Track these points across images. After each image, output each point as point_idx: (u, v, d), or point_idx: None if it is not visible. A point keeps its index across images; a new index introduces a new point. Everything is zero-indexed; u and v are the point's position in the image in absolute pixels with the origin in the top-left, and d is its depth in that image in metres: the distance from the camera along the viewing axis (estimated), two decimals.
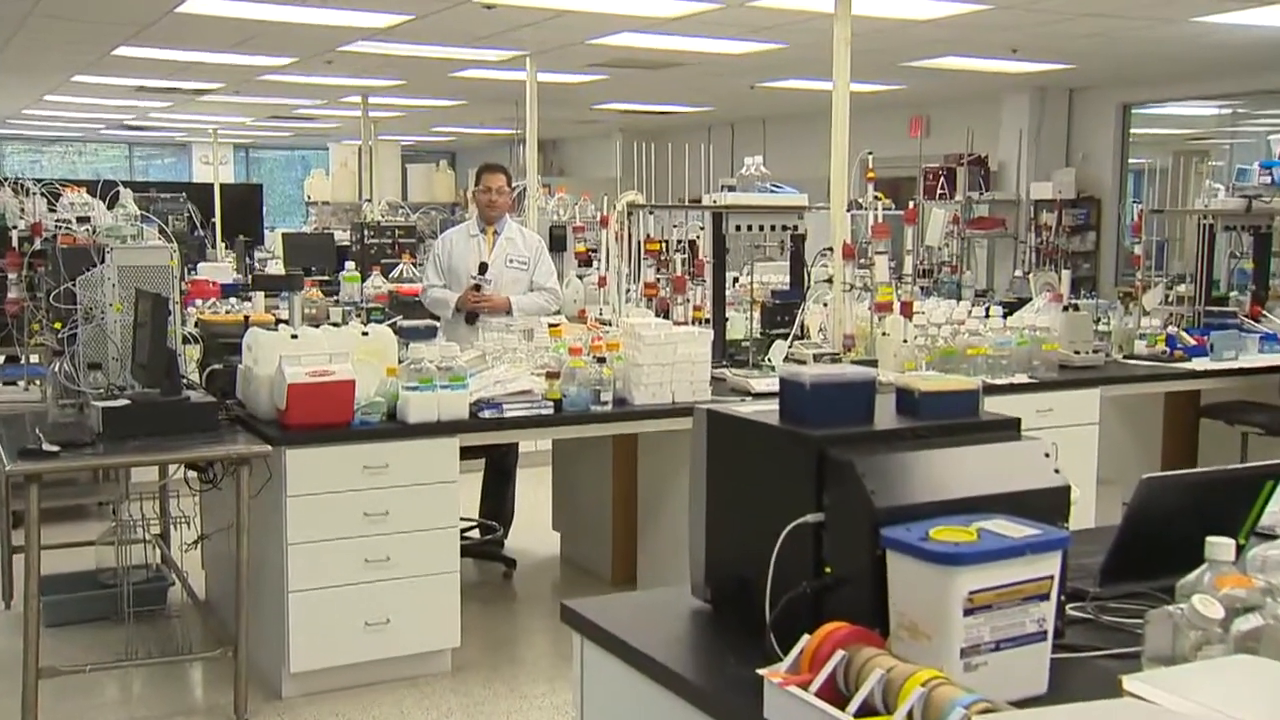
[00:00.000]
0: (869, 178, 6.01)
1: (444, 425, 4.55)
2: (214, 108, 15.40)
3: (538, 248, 6.70)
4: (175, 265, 4.83)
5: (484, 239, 6.62)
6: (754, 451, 2.20)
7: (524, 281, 6.56)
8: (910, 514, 1.88)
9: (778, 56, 10.23)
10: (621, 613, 2.36)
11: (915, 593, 1.81)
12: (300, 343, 4.49)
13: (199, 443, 4.24)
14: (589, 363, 4.88)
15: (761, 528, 2.06)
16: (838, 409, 2.10)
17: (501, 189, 6.57)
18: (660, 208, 6.28)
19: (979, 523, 1.86)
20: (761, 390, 5.10)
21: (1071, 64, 10.60)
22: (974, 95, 12.64)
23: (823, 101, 6.25)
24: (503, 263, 6.54)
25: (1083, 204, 12.28)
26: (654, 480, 5.63)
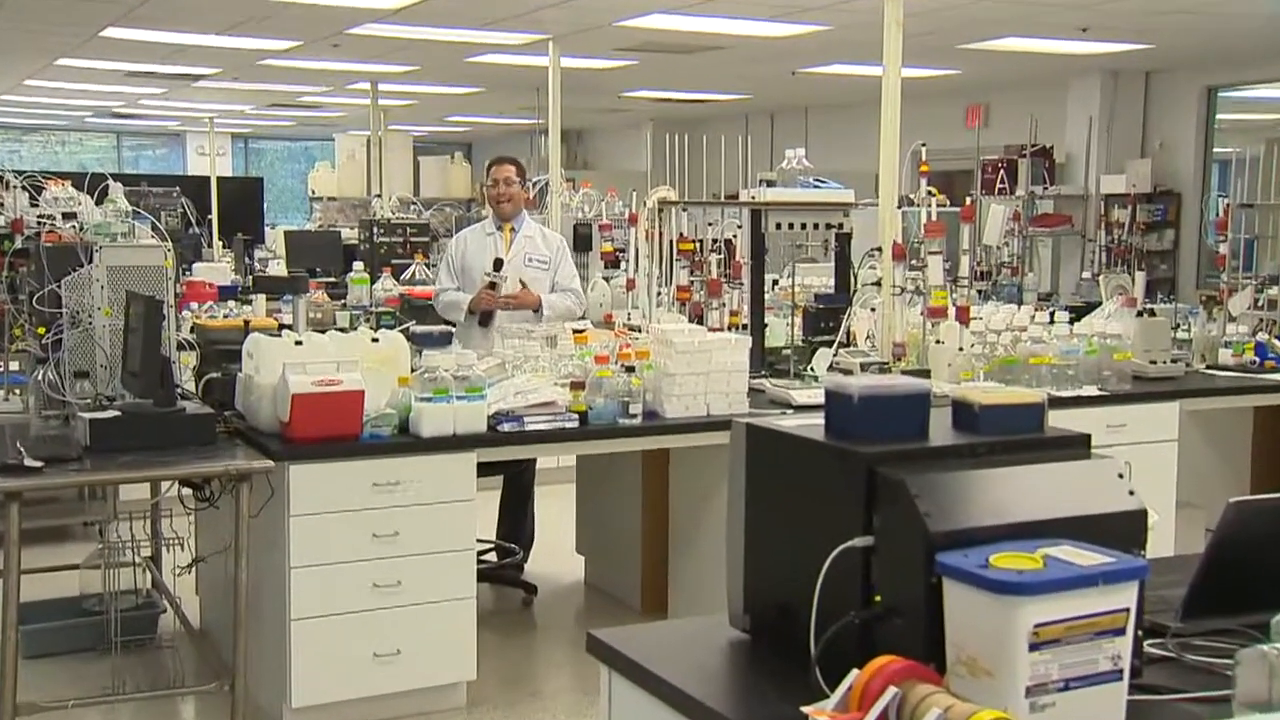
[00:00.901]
0: (921, 171, 6.00)
1: (460, 439, 4.56)
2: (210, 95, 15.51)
3: (559, 248, 6.72)
4: (169, 265, 4.85)
5: (500, 237, 6.63)
6: (797, 469, 2.19)
7: (544, 283, 6.58)
8: (968, 538, 1.87)
9: (822, 39, 10.23)
10: (652, 643, 2.36)
11: (975, 625, 1.80)
12: (305, 349, 4.51)
13: (195, 457, 4.26)
14: (617, 372, 4.88)
15: (805, 552, 2.05)
16: (888, 423, 2.10)
17: (511, 180, 6.58)
18: (694, 204, 6.29)
19: (1045, 549, 1.85)
20: (804, 402, 5.09)
21: (1148, 44, 10.50)
22: (1038, 80, 12.57)
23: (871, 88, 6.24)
24: (521, 262, 6.55)
25: (1160, 198, 12.17)
26: (687, 500, 5.63)
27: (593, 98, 14.84)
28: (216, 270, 9.16)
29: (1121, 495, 2.09)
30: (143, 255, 4.84)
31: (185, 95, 15.59)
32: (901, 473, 1.94)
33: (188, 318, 6.84)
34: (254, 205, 17.06)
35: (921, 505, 1.89)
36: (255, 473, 4.21)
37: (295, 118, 19.48)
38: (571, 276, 6.70)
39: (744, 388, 5.07)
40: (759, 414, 4.88)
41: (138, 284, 4.74)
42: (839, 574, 1.99)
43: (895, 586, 1.95)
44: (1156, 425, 5.71)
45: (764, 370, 5.73)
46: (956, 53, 10.83)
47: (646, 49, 11.07)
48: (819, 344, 5.88)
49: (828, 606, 2.01)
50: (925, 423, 2.15)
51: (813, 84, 13.30)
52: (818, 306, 6.16)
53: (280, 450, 4.30)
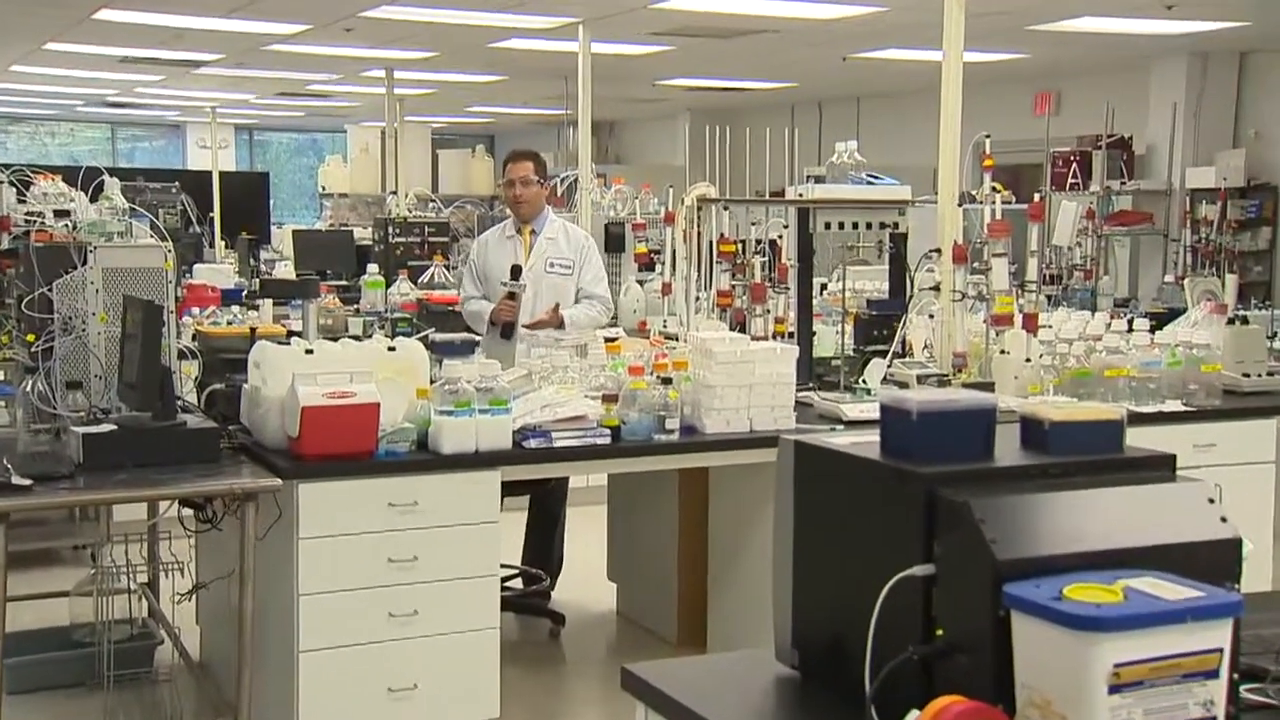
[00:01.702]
0: (985, 165, 5.98)
1: (483, 456, 4.57)
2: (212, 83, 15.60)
3: (583, 247, 6.72)
4: (169, 268, 4.88)
5: (519, 241, 6.65)
6: (850, 491, 2.19)
7: (568, 289, 6.59)
8: (1040, 567, 1.86)
9: (876, 21, 10.21)
10: (692, 679, 2.35)
11: (1047, 663, 1.79)
12: (316, 359, 4.53)
13: (196, 475, 4.28)
14: (652, 384, 4.88)
15: (860, 581, 2.05)
16: (950, 441, 2.10)
17: (528, 179, 6.59)
18: (735, 202, 6.29)
19: (1125, 580, 1.84)
20: (856, 418, 5.08)
21: (1243, 20, 10.38)
22: (1116, 64, 12.47)
23: (929, 75, 6.22)
24: (542, 267, 6.57)
25: (1254, 193, 12.02)
26: (728, 523, 5.62)
27: (626, 86, 14.86)
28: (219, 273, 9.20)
29: (1212, 522, 2.07)
30: (141, 256, 4.88)
31: (185, 83, 15.68)
32: (965, 495, 1.94)
33: (189, 324, 6.87)
34: (259, 202, 17.12)
35: (987, 531, 1.89)
36: (262, 492, 4.22)
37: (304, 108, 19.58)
38: (597, 279, 6.70)
39: (790, 401, 5.06)
40: (807, 430, 4.87)
41: (135, 287, 4.77)
42: (897, 605, 1.99)
43: (959, 619, 1.94)
44: (1251, 445, 5.65)
45: (812, 382, 5.72)
46: (1025, 34, 10.77)
47: (684, 33, 11.08)
48: (872, 354, 5.86)
49: (884, 641, 2.00)
50: (990, 441, 2.15)
51: (865, 70, 13.28)
52: (870, 313, 6.14)
53: (288, 468, 4.32)
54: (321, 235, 13.62)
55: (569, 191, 10.21)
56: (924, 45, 10.15)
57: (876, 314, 6.11)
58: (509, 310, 6.42)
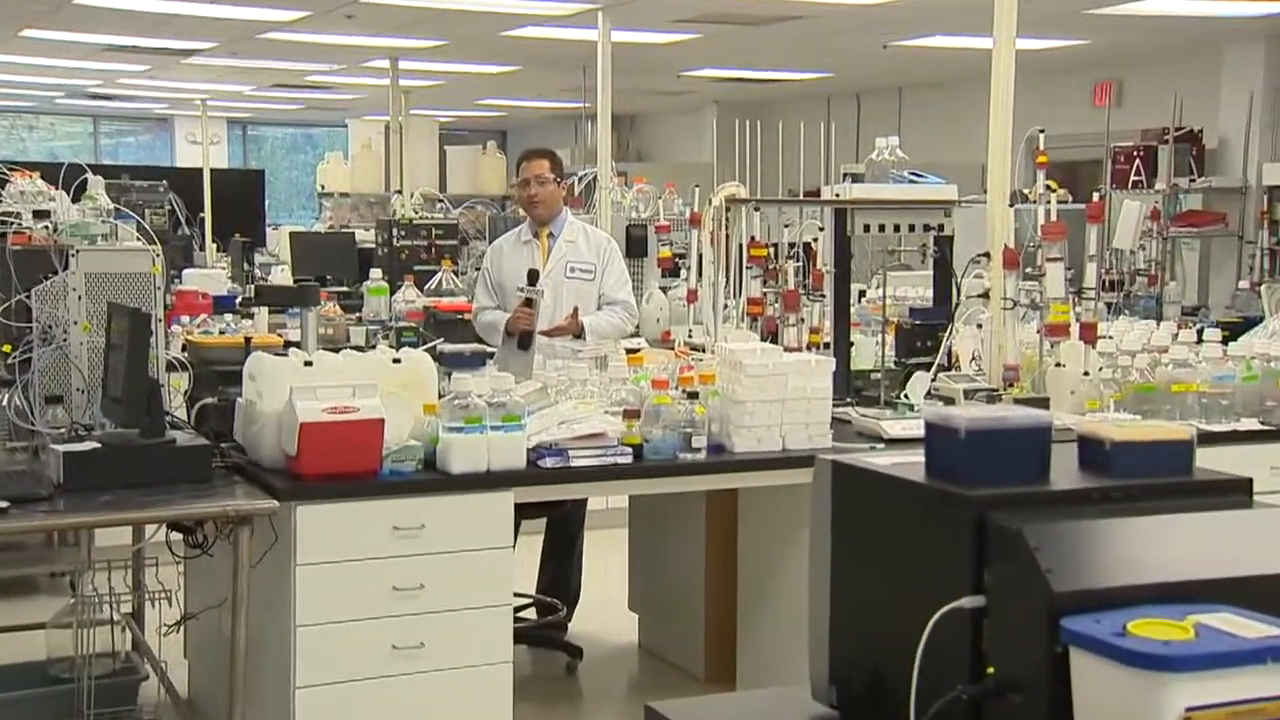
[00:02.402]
0: (1039, 162, 5.97)
1: (495, 477, 4.57)
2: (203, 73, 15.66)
3: (606, 250, 6.73)
4: (158, 273, 4.90)
5: (536, 245, 6.66)
6: (892, 515, 2.19)
7: (589, 295, 6.60)
8: (1101, 600, 1.86)
9: (919, 6, 10.21)
10: (721, 718, 2.35)
11: (1110, 705, 1.78)
12: (315, 371, 4.54)
13: (186, 497, 4.28)
14: (677, 399, 4.88)
15: (903, 613, 2.05)
16: (1001, 462, 2.09)
17: (544, 177, 6.61)
18: (767, 203, 6.29)
19: (1196, 615, 1.83)
20: (898, 436, 5.08)
21: None
22: (1185, 49, 12.38)
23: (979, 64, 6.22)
24: (561, 272, 6.58)
25: None
26: (759, 549, 5.62)
27: (648, 78, 14.88)
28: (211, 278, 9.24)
29: None
30: (127, 261, 4.89)
31: (173, 74, 15.74)
32: (1018, 521, 1.93)
33: (178, 333, 6.92)
34: (254, 202, 17.18)
35: (1043, 560, 1.88)
36: (257, 514, 4.23)
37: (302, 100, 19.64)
38: (621, 284, 6.71)
39: (826, 418, 5.06)
40: (845, 449, 4.86)
41: (121, 294, 4.79)
42: (944, 640, 1.98)
43: (1011, 656, 1.93)
44: None
45: (850, 397, 5.71)
46: (1083, 19, 10.74)
47: (711, 20, 11.09)
48: (915, 367, 5.86)
49: (930, 679, 1.99)
50: (1045, 462, 2.14)
51: (908, 59, 13.28)
52: (913, 323, 6.14)
53: (286, 488, 4.33)
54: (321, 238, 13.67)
55: (587, 191, 10.23)
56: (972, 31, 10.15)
57: (920, 323, 6.11)
58: (526, 318, 6.42)
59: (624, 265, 6.90)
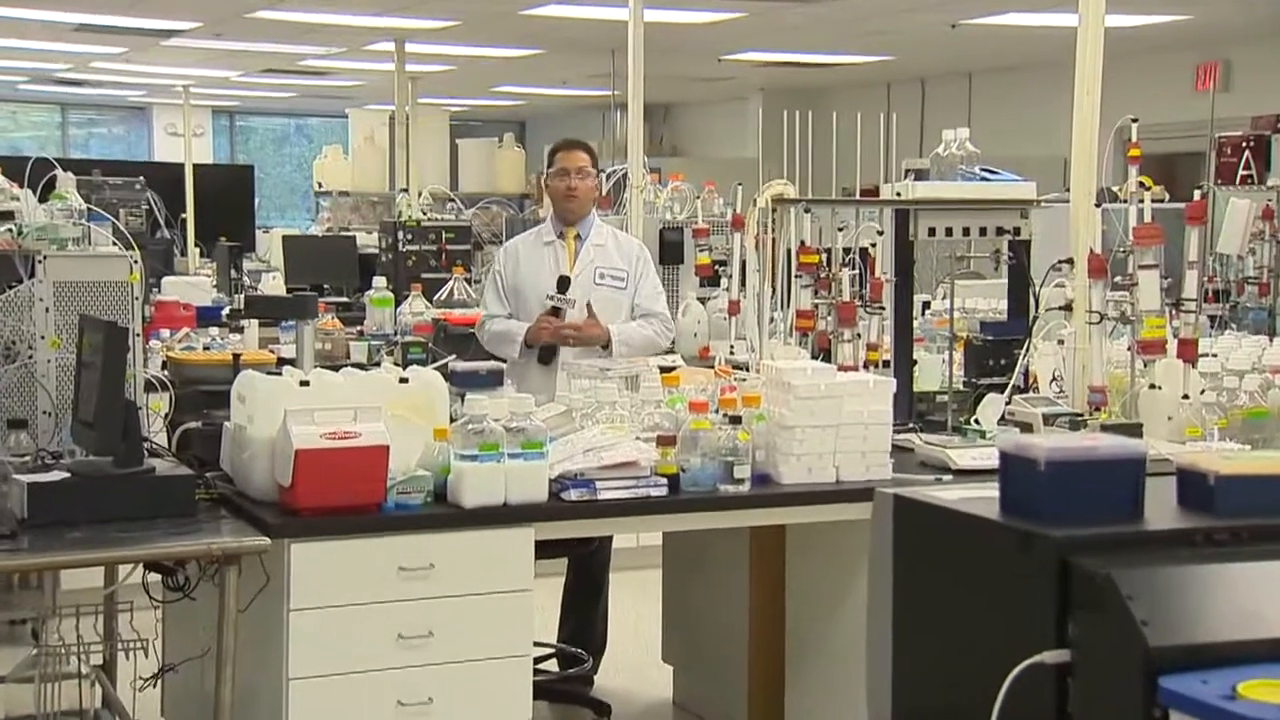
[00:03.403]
0: (1131, 155, 5.94)
1: (513, 511, 4.56)
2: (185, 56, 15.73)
3: (639, 258, 6.73)
4: (136, 281, 4.91)
5: (562, 247, 6.66)
6: (962, 556, 2.18)
7: (620, 305, 6.59)
8: (1205, 657, 1.84)
9: None
10: None
11: None
12: (312, 392, 4.54)
13: (165, 533, 4.27)
14: (717, 424, 4.87)
15: (975, 668, 2.04)
16: (1088, 498, 2.09)
17: (585, 170, 6.61)
18: (819, 203, 6.28)
19: None
20: (967, 466, 5.05)
21: None
22: None
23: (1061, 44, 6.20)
24: (591, 278, 6.57)
25: None
26: (810, 593, 5.60)
27: (685, 62, 14.89)
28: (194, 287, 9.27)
29: None
30: (101, 268, 4.90)
31: (152, 57, 15.82)
32: (1108, 565, 1.92)
33: (158, 350, 6.93)
34: (242, 201, 17.25)
35: (1138, 610, 1.87)
36: (245, 553, 4.23)
37: (296, 88, 19.73)
38: (656, 294, 6.71)
39: (886, 445, 5.04)
40: (908, 481, 4.84)
41: (94, 306, 4.80)
42: (1023, 698, 1.97)
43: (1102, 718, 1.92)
44: None
45: (913, 422, 5.70)
46: None
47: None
48: (987, 388, 5.84)
49: None
50: (1139, 498, 2.13)
51: (980, 39, 13.26)
52: (985, 338, 6.12)
53: (278, 524, 4.32)
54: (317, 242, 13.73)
55: (615, 190, 10.21)
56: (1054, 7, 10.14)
57: (992, 339, 6.09)
58: (552, 330, 6.41)
59: (657, 275, 6.90)
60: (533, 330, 6.45)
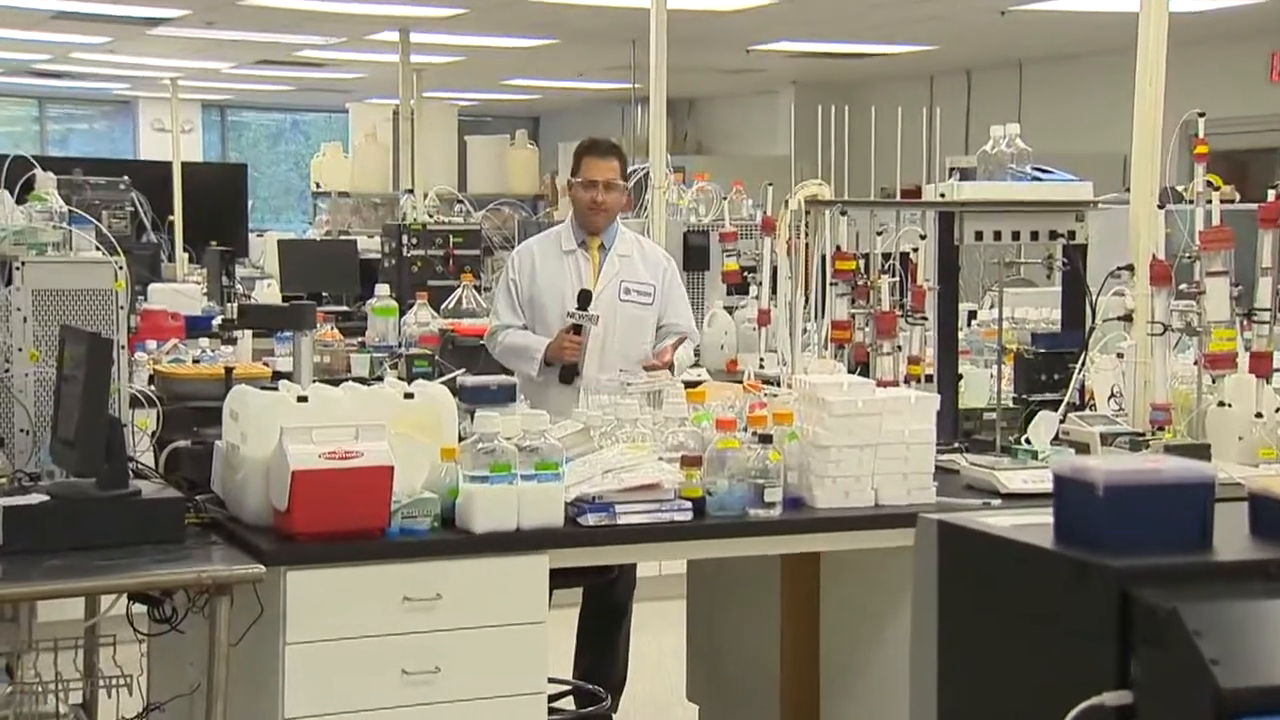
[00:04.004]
0: (1198, 153, 5.93)
1: (527, 537, 4.57)
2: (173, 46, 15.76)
3: (665, 270, 6.71)
4: (121, 289, 4.92)
5: (584, 257, 6.63)
6: (1013, 588, 2.18)
7: (646, 323, 6.56)
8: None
9: None
10: None
11: None
12: (311, 409, 4.55)
13: (152, 561, 4.28)
14: (746, 443, 4.87)
15: (1029, 709, 2.03)
16: (1150, 526, 2.08)
17: (613, 183, 6.56)
18: (856, 205, 6.28)
19: None
20: (1017, 489, 5.04)
21: None
22: None
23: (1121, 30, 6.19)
24: (615, 294, 6.53)
25: None
26: (847, 626, 5.60)
27: (712, 53, 14.90)
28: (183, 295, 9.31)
29: None
30: (83, 275, 4.92)
31: (138, 47, 15.86)
32: (1173, 599, 1.91)
33: (144, 362, 6.95)
34: (234, 203, 17.29)
35: (1206, 648, 1.86)
36: (238, 582, 4.23)
37: (292, 81, 19.78)
38: (686, 310, 6.70)
39: (929, 467, 5.04)
40: (952, 505, 4.83)
41: (75, 315, 4.81)
42: None
43: None
44: None
45: (958, 442, 5.69)
46: None
47: None
48: (1039, 405, 5.82)
49: None
50: (1207, 526, 2.12)
51: (1031, 26, 13.24)
52: (1037, 351, 6.10)
53: (274, 550, 4.33)
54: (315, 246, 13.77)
55: (636, 190, 10.22)
56: None
57: (1045, 351, 6.07)
58: (574, 348, 6.39)
59: (683, 286, 6.90)
60: (553, 347, 6.42)
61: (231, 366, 6.02)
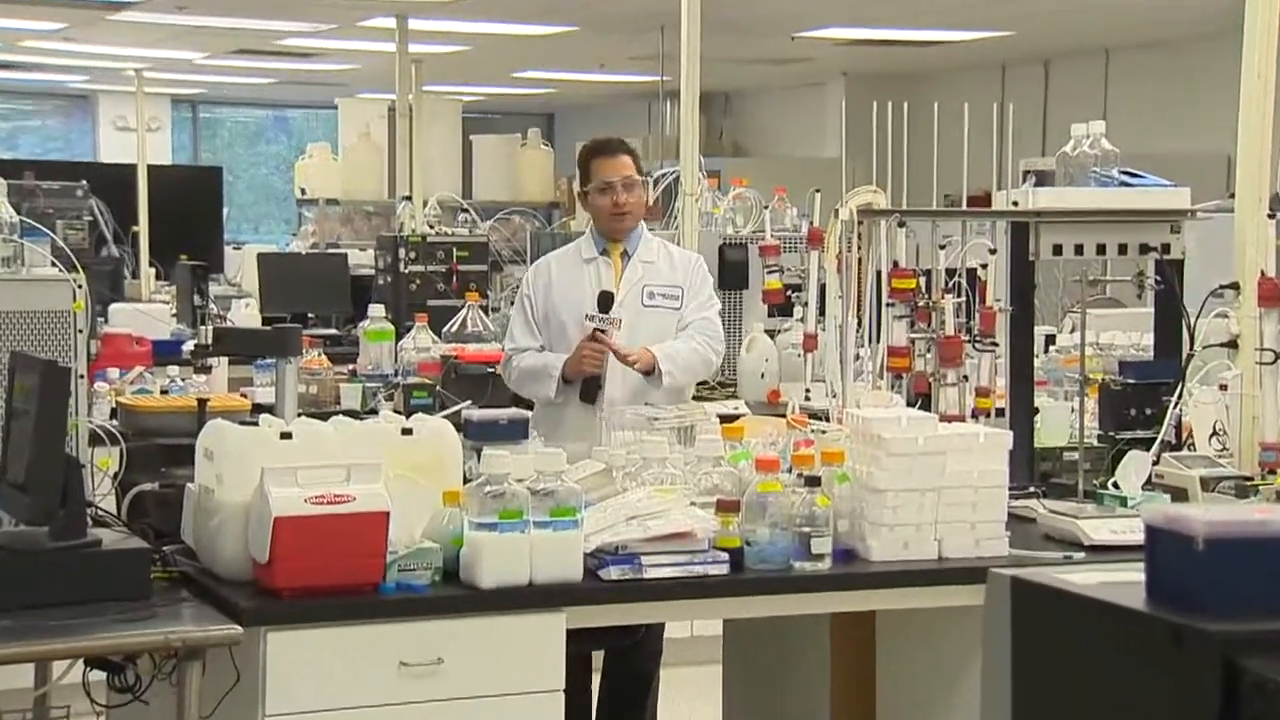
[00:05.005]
0: None
1: (541, 593, 4.57)
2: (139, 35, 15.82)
3: (695, 269, 6.73)
4: (80, 309, 4.93)
5: (606, 264, 6.66)
6: (1099, 655, 2.17)
7: (673, 330, 6.58)
8: None
9: None
10: None
11: None
12: (295, 447, 4.56)
13: (113, 621, 4.28)
14: (790, 486, 4.87)
15: None
16: (1257, 584, 2.07)
17: (632, 181, 6.60)
18: (916, 214, 6.28)
19: None
20: (1104, 541, 5.04)
21: None
22: None
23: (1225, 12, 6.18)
24: (639, 299, 6.56)
25: None
26: (905, 694, 5.59)
27: (751, 40, 14.93)
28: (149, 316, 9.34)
29: None
30: (35, 294, 4.94)
31: (97, 34, 15.91)
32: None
33: (105, 393, 6.96)
34: (208, 211, 17.37)
35: None
36: (211, 645, 4.23)
37: (274, 73, 19.83)
38: (708, 302, 6.71)
39: (1001, 514, 5.04)
40: (1029, 559, 4.83)
41: (27, 340, 4.82)
42: None
43: None
44: None
45: (1034, 486, 5.69)
46: None
47: None
48: (1128, 444, 5.82)
49: None
50: None
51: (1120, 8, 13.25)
52: (1125, 381, 6.10)
53: (252, 608, 4.33)
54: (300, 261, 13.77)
55: (665, 197, 10.24)
56: None
57: (1135, 382, 6.07)
58: (595, 358, 6.39)
59: (712, 284, 6.90)
60: (572, 361, 6.43)
61: (205, 398, 6.02)
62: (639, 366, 6.39)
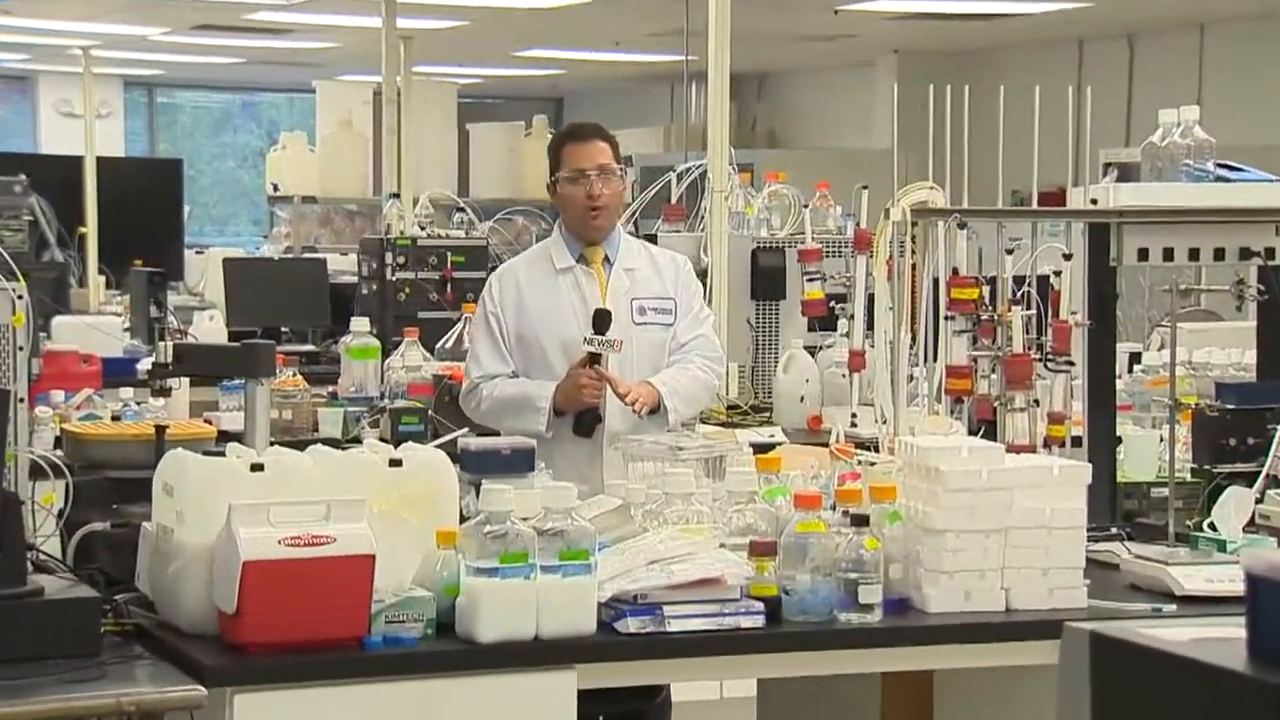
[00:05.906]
0: None
1: (548, 648, 4.58)
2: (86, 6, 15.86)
3: (683, 274, 6.71)
4: (20, 323, 4.95)
5: (586, 273, 6.63)
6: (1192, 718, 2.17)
7: (666, 347, 6.58)
8: None
9: None
10: None
11: None
12: (267, 480, 4.57)
13: (57, 681, 4.28)
14: (835, 526, 4.88)
15: None
16: None
17: (607, 169, 6.58)
18: (978, 214, 6.30)
19: None
20: (1197, 591, 5.03)
21: None
22: None
23: None
24: (628, 316, 6.54)
25: None
26: None
27: (788, 15, 14.95)
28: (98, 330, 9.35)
29: None
30: None
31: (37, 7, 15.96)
32: None
33: (48, 419, 6.98)
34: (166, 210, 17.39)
35: None
36: (171, 708, 4.25)
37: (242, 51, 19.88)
38: (701, 316, 6.70)
39: (1079, 560, 5.04)
40: (1110, 612, 4.84)
41: None
42: None
43: None
44: None
45: (1116, 527, 5.69)
46: None
47: None
48: (1226, 479, 5.83)
49: None
50: None
51: None
52: (1224, 406, 6.11)
53: (218, 666, 4.34)
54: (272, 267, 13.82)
55: (689, 195, 10.22)
56: None
57: (1235, 407, 6.07)
58: (594, 386, 6.39)
59: (701, 290, 6.91)
60: (566, 389, 6.41)
61: (164, 425, 6.05)
62: (642, 407, 6.37)
